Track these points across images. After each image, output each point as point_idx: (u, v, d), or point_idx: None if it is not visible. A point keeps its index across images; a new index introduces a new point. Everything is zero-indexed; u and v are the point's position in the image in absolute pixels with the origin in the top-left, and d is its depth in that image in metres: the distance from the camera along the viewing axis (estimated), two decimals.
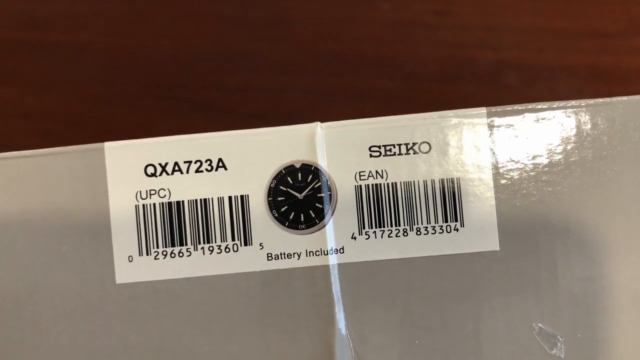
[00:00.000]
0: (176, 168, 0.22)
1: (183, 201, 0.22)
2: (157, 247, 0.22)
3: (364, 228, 0.22)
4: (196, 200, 0.22)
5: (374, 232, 0.22)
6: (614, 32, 0.39)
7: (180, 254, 0.22)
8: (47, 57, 0.43)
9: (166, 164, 0.22)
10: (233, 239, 0.22)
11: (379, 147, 0.22)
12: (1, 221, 0.22)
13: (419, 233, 0.22)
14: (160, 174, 0.22)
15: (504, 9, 0.40)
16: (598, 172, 0.22)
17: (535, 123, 0.22)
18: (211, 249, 0.22)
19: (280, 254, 0.22)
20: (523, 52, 0.39)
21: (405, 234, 0.22)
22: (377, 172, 0.22)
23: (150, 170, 0.22)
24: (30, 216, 0.22)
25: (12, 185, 0.22)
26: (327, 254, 0.22)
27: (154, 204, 0.22)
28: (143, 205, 0.22)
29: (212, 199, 0.22)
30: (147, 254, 0.22)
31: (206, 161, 0.22)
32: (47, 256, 0.22)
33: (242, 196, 0.22)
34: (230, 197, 0.22)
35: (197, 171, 0.22)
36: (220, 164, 0.22)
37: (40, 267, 0.22)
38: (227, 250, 0.22)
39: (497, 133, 0.22)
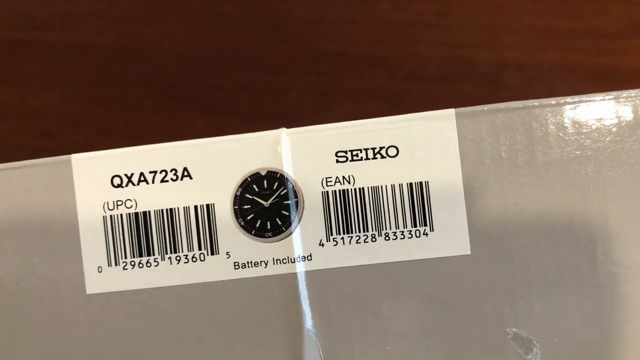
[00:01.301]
0: (142, 178, 0.22)
1: (149, 211, 0.22)
2: (126, 258, 0.22)
3: (331, 234, 0.22)
4: (162, 210, 0.22)
5: (342, 238, 0.22)
6: (614, 32, 0.38)
7: (148, 264, 0.22)
8: (47, 57, 0.43)
9: (132, 174, 0.22)
10: (200, 249, 0.22)
11: (346, 152, 0.22)
12: None
13: (387, 238, 0.22)
14: (127, 185, 0.22)
15: (504, 9, 0.39)
16: (573, 173, 0.22)
17: (506, 124, 0.22)
18: (178, 258, 0.22)
19: (247, 262, 0.22)
20: (523, 52, 0.39)
21: (373, 239, 0.22)
22: (344, 177, 0.22)
23: (117, 181, 0.22)
24: (1, 228, 0.22)
25: None
26: (295, 262, 0.22)
27: (121, 215, 0.22)
28: (110, 216, 0.22)
29: (177, 208, 0.22)
30: (116, 265, 0.22)
31: (171, 171, 0.22)
32: (19, 267, 0.22)
33: (207, 205, 0.22)
34: (196, 207, 0.22)
35: (162, 181, 0.22)
36: (186, 173, 0.22)
37: (12, 279, 0.22)
38: (194, 259, 0.22)
39: (467, 135, 0.22)
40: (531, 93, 0.38)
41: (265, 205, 0.22)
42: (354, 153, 0.22)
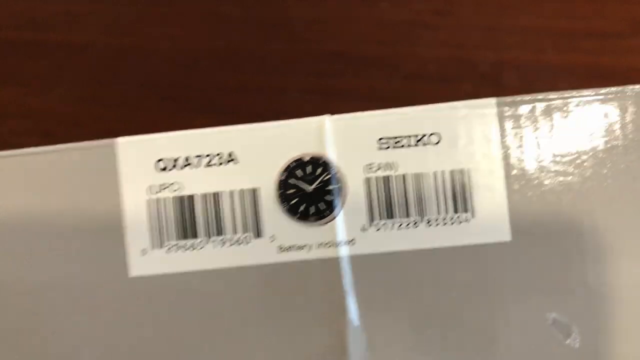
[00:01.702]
0: (187, 162, 0.22)
1: (195, 195, 0.22)
2: (170, 241, 0.22)
3: (374, 220, 0.22)
4: (207, 194, 0.22)
5: (384, 223, 0.22)
6: (614, 32, 0.39)
7: (193, 247, 0.22)
8: (47, 57, 0.43)
9: (177, 158, 0.22)
10: (245, 232, 0.22)
11: (388, 139, 0.22)
12: (18, 217, 0.22)
13: (429, 224, 0.22)
14: (172, 169, 0.22)
15: (504, 9, 0.40)
16: (610, 162, 0.23)
17: (545, 113, 0.23)
18: (223, 241, 0.22)
19: (292, 246, 0.22)
20: (523, 52, 0.39)
21: (415, 225, 0.22)
22: (386, 164, 0.22)
23: (162, 165, 0.22)
24: (46, 212, 0.22)
25: (26, 182, 0.22)
26: (338, 246, 0.22)
27: (166, 198, 0.22)
28: (156, 199, 0.22)
29: (223, 192, 0.22)
30: (160, 247, 0.22)
31: (217, 155, 0.22)
32: (62, 250, 0.22)
33: (252, 189, 0.22)
34: (241, 190, 0.22)
35: (207, 165, 0.22)
36: (231, 158, 0.22)
37: (55, 261, 0.22)
38: (239, 242, 0.22)
39: (507, 123, 0.23)
40: (531, 93, 0.38)
41: (309, 190, 0.22)
42: (396, 140, 0.22)
